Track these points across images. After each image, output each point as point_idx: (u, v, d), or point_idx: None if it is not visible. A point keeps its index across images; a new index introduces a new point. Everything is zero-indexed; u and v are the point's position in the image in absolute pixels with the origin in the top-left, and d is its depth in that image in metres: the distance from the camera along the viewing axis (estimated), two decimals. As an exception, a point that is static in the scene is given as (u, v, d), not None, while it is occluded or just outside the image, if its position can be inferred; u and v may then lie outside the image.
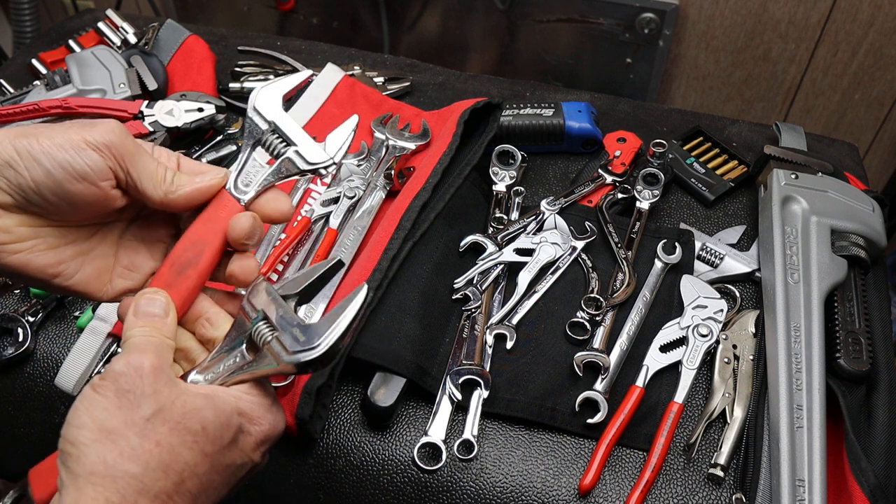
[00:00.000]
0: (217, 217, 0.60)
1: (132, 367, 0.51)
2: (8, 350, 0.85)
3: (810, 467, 0.73)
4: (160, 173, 0.58)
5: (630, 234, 0.96)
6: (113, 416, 0.49)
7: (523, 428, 0.80)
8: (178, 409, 0.51)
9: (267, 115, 0.63)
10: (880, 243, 0.92)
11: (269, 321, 0.56)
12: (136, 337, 0.55)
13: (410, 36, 1.86)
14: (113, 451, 0.48)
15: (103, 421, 0.49)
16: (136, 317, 0.56)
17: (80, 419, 0.49)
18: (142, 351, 0.53)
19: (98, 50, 1.14)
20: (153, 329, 0.56)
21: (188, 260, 0.59)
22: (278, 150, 0.63)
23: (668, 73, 1.71)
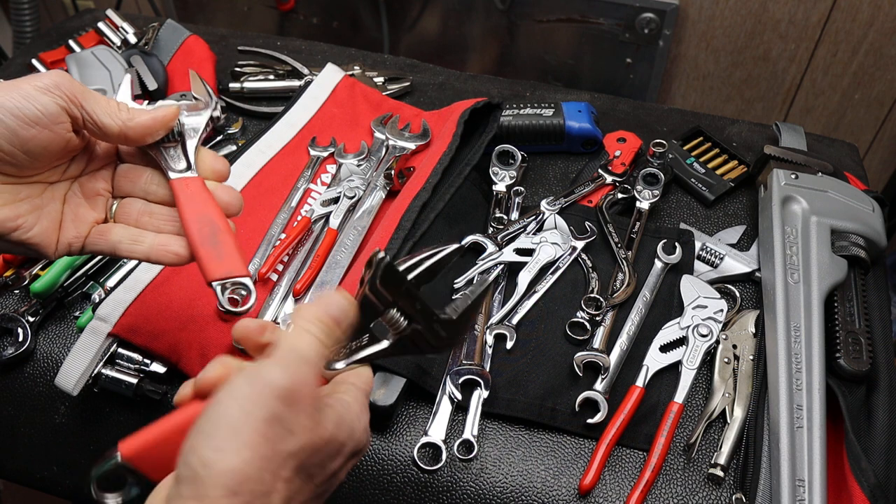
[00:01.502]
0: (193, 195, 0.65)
1: (294, 396, 0.45)
2: (8, 350, 0.85)
3: (810, 467, 0.73)
4: (114, 106, 0.61)
5: (630, 234, 0.96)
6: (258, 447, 0.43)
7: (523, 428, 0.80)
8: (311, 448, 0.46)
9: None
10: (880, 243, 0.92)
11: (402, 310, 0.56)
12: (310, 337, 0.49)
13: (410, 36, 1.86)
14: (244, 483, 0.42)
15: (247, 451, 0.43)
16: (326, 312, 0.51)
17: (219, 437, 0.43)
18: (312, 376, 0.47)
19: (98, 50, 1.14)
20: (330, 337, 0.51)
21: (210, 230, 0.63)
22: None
23: (668, 73, 1.71)
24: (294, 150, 1.05)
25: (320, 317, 0.51)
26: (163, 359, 0.81)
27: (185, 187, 0.65)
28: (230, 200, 0.67)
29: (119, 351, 0.81)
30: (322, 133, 1.08)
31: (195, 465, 0.43)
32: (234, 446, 0.43)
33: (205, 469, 0.42)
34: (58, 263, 0.88)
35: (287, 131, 1.07)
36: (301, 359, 0.47)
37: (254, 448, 0.43)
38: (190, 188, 0.65)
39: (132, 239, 0.66)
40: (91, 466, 0.50)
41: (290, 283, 0.88)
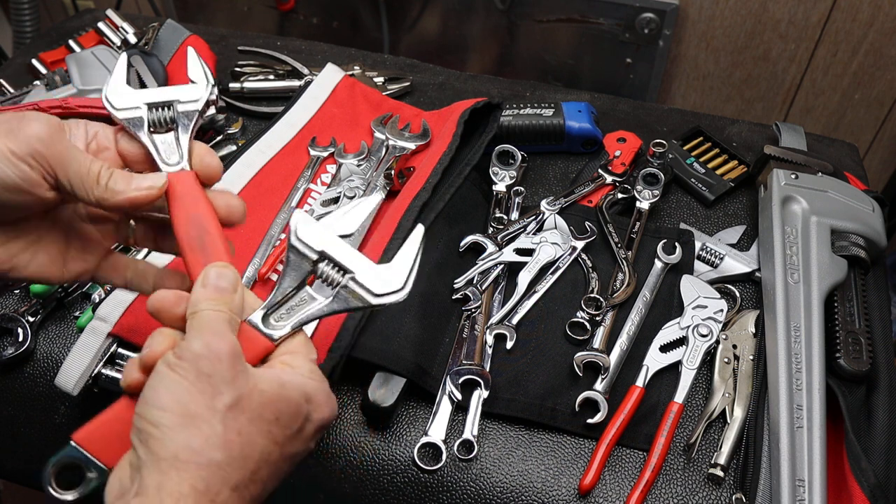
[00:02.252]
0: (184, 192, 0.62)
1: (211, 350, 0.50)
2: (8, 350, 0.85)
3: (810, 467, 0.73)
4: (93, 175, 0.57)
5: (630, 234, 0.96)
6: (195, 400, 0.48)
7: (523, 428, 0.80)
8: (255, 399, 0.50)
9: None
10: (880, 243, 0.92)
11: (333, 261, 0.58)
12: (206, 311, 0.53)
13: (410, 36, 1.86)
14: (199, 438, 0.47)
15: (186, 404, 0.48)
16: (206, 288, 0.55)
17: (162, 400, 0.48)
18: (218, 332, 0.52)
19: (98, 50, 1.14)
20: (223, 304, 0.54)
21: (198, 233, 0.60)
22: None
23: (668, 73, 1.71)
24: (294, 150, 1.05)
25: (203, 295, 0.55)
26: (163, 359, 0.81)
27: (175, 184, 0.62)
28: (232, 208, 0.64)
29: (119, 351, 0.81)
30: (322, 133, 1.08)
31: (147, 428, 0.48)
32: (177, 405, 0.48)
33: (156, 429, 0.47)
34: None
35: (287, 131, 1.07)
36: (207, 326, 0.52)
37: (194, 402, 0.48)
38: (179, 185, 0.62)
39: (139, 275, 0.65)
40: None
41: (290, 283, 0.88)
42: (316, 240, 0.58)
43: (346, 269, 0.58)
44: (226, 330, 0.52)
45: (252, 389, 0.51)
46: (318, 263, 0.58)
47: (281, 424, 0.52)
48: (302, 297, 0.58)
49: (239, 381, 0.50)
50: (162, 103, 0.64)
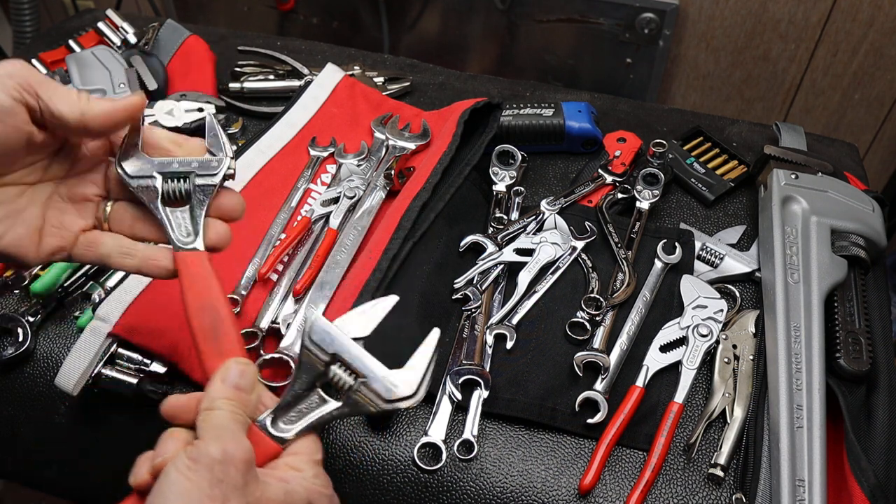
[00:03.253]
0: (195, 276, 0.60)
1: (227, 456, 0.49)
2: (8, 350, 0.85)
3: (810, 467, 0.73)
4: (73, 95, 0.57)
5: (630, 234, 0.96)
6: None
7: (523, 428, 0.80)
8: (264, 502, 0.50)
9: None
10: (880, 243, 0.92)
11: (345, 365, 0.57)
12: (223, 412, 0.53)
13: (410, 36, 1.86)
14: None
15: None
16: (225, 385, 0.55)
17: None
18: (234, 438, 0.51)
19: (98, 50, 1.14)
20: (241, 405, 0.54)
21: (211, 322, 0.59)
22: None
23: (668, 73, 1.71)
24: (294, 150, 1.05)
25: (222, 393, 0.55)
26: (163, 359, 0.81)
27: (188, 265, 0.60)
28: (233, 206, 0.65)
29: (119, 351, 0.81)
30: (322, 133, 1.08)
31: None
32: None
33: None
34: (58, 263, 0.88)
35: (287, 131, 1.07)
36: (223, 429, 0.52)
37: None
38: (192, 267, 0.60)
39: (123, 251, 0.63)
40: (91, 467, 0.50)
41: (290, 283, 0.88)
42: (329, 342, 0.57)
43: (358, 374, 0.57)
44: (241, 435, 0.52)
45: (260, 497, 0.50)
46: (331, 366, 0.57)
47: None
48: (312, 400, 0.57)
49: (249, 489, 0.50)
50: (177, 174, 0.62)
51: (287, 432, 0.56)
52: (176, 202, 0.62)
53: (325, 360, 0.57)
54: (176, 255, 0.61)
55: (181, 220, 0.62)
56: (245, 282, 0.88)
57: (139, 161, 0.62)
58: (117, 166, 0.62)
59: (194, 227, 0.62)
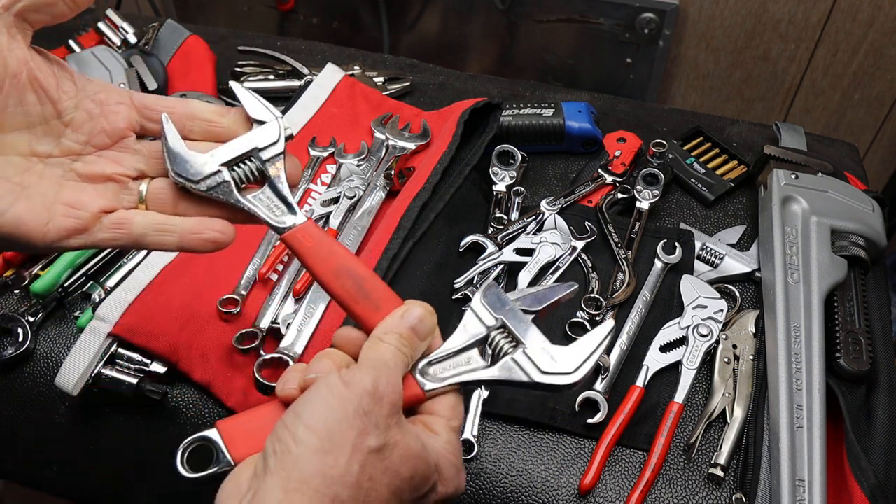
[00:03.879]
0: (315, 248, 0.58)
1: (378, 391, 0.49)
2: (8, 350, 0.85)
3: (810, 467, 0.73)
4: None
5: (630, 234, 0.96)
6: (345, 433, 0.47)
7: (523, 428, 0.80)
8: (398, 452, 0.49)
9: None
10: (880, 243, 0.92)
11: (508, 332, 0.55)
12: (391, 347, 0.52)
13: (410, 36, 1.86)
14: (335, 470, 0.46)
15: (335, 433, 0.47)
16: (403, 321, 0.54)
17: (314, 419, 0.47)
18: (391, 376, 0.50)
19: (98, 50, 1.14)
20: (410, 347, 0.54)
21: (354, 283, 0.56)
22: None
23: (668, 73, 1.71)
24: (294, 150, 1.05)
25: (397, 328, 0.54)
26: (163, 359, 0.81)
27: (302, 241, 0.57)
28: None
29: (119, 351, 0.81)
30: (322, 133, 1.08)
31: (287, 440, 0.46)
32: (325, 427, 0.46)
33: (297, 445, 0.46)
34: (58, 263, 0.88)
35: (287, 131, 1.07)
36: (383, 364, 0.51)
37: (343, 434, 0.46)
38: (305, 242, 0.57)
39: (159, 228, 0.57)
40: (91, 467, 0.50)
41: (289, 283, 0.88)
42: (499, 307, 0.56)
43: (519, 341, 0.55)
44: (398, 375, 0.51)
45: (398, 441, 0.49)
46: (493, 331, 0.56)
47: (412, 484, 0.50)
48: (467, 358, 0.56)
49: (391, 431, 0.49)
50: (241, 157, 0.59)
51: (434, 382, 0.54)
52: (252, 184, 0.59)
53: (489, 325, 0.56)
54: (285, 238, 0.58)
55: (267, 200, 0.58)
56: (245, 282, 0.88)
57: (194, 159, 0.58)
58: (173, 175, 0.58)
59: (284, 201, 0.58)
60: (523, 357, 0.54)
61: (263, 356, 0.78)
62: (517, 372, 0.54)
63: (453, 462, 0.53)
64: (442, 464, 0.52)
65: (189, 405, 0.81)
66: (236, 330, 0.82)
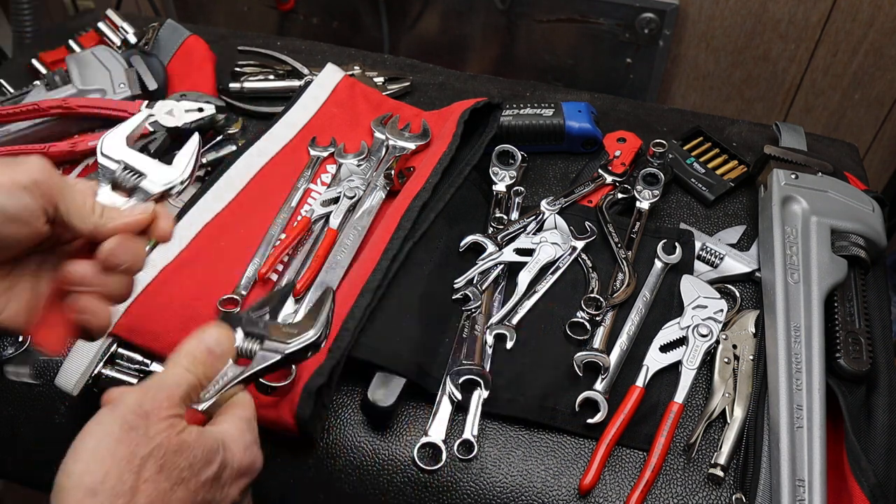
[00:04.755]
0: None
1: (141, 409, 0.52)
2: (8, 350, 0.85)
3: (810, 467, 0.73)
4: (88, 206, 0.59)
5: (630, 234, 0.96)
6: (113, 452, 0.50)
7: (523, 428, 0.80)
8: (171, 447, 0.52)
9: (114, 155, 0.66)
10: (880, 243, 0.92)
11: (254, 334, 0.62)
12: (178, 369, 0.57)
13: (410, 36, 1.86)
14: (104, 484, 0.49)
15: (102, 455, 0.50)
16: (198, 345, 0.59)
17: (80, 449, 0.51)
18: (162, 395, 0.54)
19: (98, 50, 1.14)
20: (201, 366, 0.58)
21: None
22: (132, 184, 0.65)
23: (668, 73, 1.71)
24: (294, 150, 1.05)
25: (191, 350, 0.59)
26: (163, 359, 0.81)
27: None
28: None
29: (119, 351, 0.81)
30: (322, 133, 1.08)
31: (60, 480, 0.50)
32: (93, 454, 0.50)
33: (67, 479, 0.49)
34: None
35: (287, 131, 1.07)
36: (157, 384, 0.55)
37: (111, 452, 0.50)
38: None
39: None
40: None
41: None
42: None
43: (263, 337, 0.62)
44: (175, 391, 0.55)
45: (171, 441, 0.53)
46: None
47: (194, 470, 0.53)
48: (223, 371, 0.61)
49: (159, 436, 0.52)
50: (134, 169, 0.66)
51: (205, 402, 0.59)
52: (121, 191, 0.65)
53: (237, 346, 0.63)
54: None
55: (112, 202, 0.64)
56: (245, 282, 0.88)
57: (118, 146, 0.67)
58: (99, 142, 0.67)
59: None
60: (270, 344, 0.62)
61: (263, 356, 0.78)
62: (270, 356, 0.61)
63: (239, 438, 0.58)
64: (228, 442, 0.57)
65: (189, 405, 0.81)
66: (236, 330, 0.82)
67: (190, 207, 0.94)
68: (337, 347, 0.77)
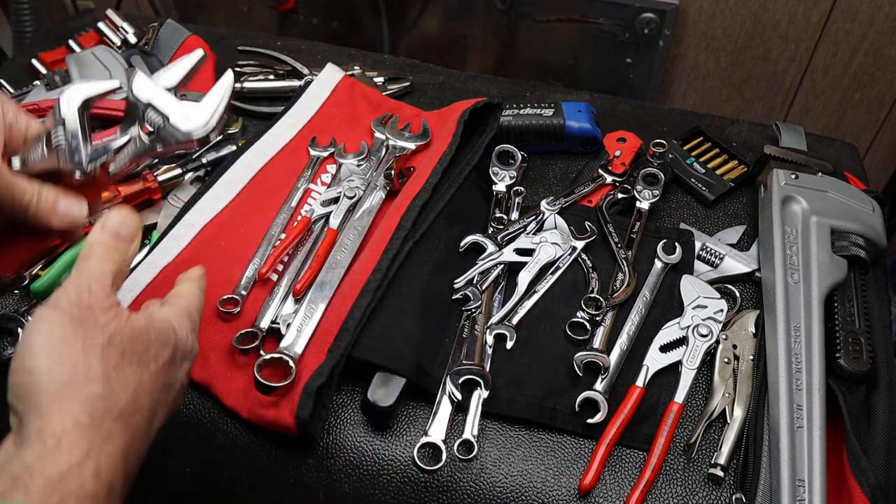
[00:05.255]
0: None
1: (83, 301, 0.53)
2: (8, 350, 0.85)
3: (810, 467, 0.73)
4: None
5: (630, 234, 0.96)
6: (69, 344, 0.50)
7: (523, 428, 0.80)
8: (126, 334, 0.54)
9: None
10: (880, 243, 0.92)
11: (157, 109, 0.67)
12: (95, 259, 0.57)
13: (410, 36, 1.86)
14: (75, 375, 0.49)
15: (60, 349, 0.50)
16: (103, 232, 0.59)
17: (35, 349, 0.50)
18: (96, 281, 0.55)
19: (98, 50, 1.14)
20: (115, 252, 0.58)
21: None
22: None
23: (668, 73, 1.71)
24: (294, 150, 1.05)
25: (99, 239, 0.59)
26: (163, 359, 0.81)
27: None
28: None
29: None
30: (322, 133, 1.08)
31: (23, 380, 0.49)
32: (51, 350, 0.50)
33: (32, 376, 0.49)
34: (58, 263, 0.89)
35: (287, 131, 1.07)
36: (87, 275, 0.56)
37: (69, 344, 0.51)
38: None
39: None
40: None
41: (289, 283, 0.88)
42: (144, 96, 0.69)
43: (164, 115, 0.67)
44: (105, 282, 0.56)
45: (123, 327, 0.54)
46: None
47: (151, 354, 0.55)
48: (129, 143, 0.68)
49: (111, 324, 0.53)
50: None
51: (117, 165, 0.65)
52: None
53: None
54: None
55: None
56: (245, 282, 0.88)
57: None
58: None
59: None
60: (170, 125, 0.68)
61: (263, 356, 0.78)
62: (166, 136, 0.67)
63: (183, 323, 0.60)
64: (175, 324, 0.59)
65: (189, 405, 0.81)
66: (236, 330, 0.82)
67: (190, 207, 0.94)
68: (337, 347, 0.77)
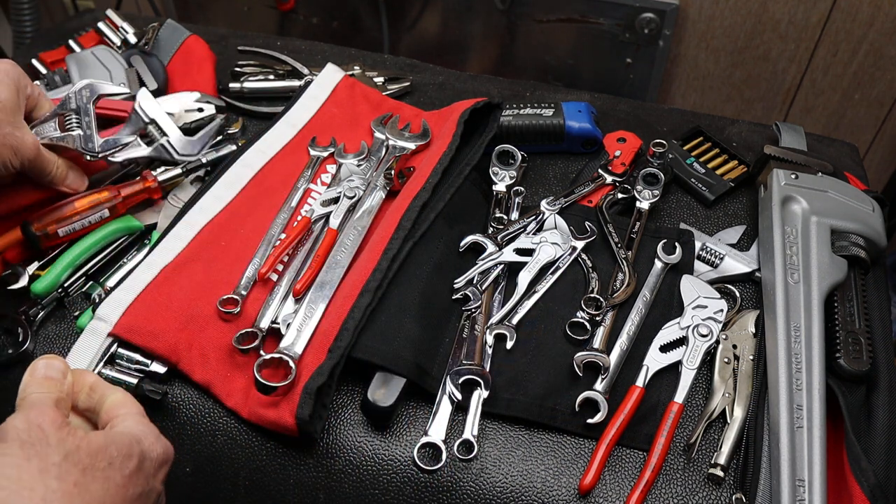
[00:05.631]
0: None
1: (32, 423, 0.53)
2: (8, 350, 0.85)
3: (810, 467, 0.73)
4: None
5: (630, 234, 0.96)
6: (24, 469, 0.50)
7: (523, 428, 0.80)
8: (84, 451, 0.53)
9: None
10: (880, 243, 0.92)
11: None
12: (33, 395, 0.58)
13: (410, 36, 1.86)
14: (35, 498, 0.49)
15: (17, 476, 0.49)
16: (33, 378, 0.60)
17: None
18: (40, 408, 0.55)
19: (98, 50, 1.14)
20: (50, 387, 0.59)
21: None
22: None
23: (668, 73, 1.71)
24: (294, 150, 1.05)
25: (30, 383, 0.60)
26: (163, 359, 0.81)
27: None
28: None
29: (119, 351, 0.81)
30: (322, 133, 1.08)
31: None
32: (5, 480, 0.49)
33: None
34: (58, 263, 0.89)
35: (287, 131, 1.07)
36: (29, 405, 0.57)
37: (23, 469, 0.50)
38: None
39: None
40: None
41: (289, 283, 0.88)
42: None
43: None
44: (48, 403, 0.57)
45: (80, 445, 0.53)
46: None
47: (116, 468, 0.54)
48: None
49: (66, 442, 0.53)
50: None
51: None
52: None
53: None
54: None
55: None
56: (245, 282, 0.88)
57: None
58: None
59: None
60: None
61: (263, 356, 0.78)
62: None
63: (151, 430, 0.61)
64: (139, 434, 0.59)
65: (189, 405, 0.81)
66: (236, 330, 0.82)
67: (190, 207, 0.94)
68: (337, 347, 0.77)
